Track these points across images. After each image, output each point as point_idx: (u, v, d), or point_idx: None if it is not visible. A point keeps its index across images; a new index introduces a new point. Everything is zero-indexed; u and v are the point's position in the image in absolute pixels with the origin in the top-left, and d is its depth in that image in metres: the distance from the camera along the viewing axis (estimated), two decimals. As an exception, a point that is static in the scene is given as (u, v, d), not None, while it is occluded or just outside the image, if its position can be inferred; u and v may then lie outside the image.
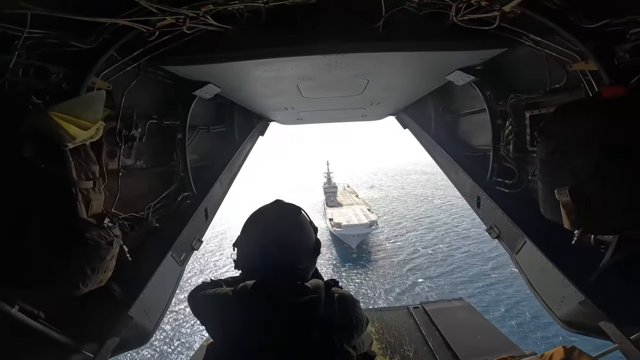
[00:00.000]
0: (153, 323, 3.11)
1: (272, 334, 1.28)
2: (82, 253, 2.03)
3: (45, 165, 1.94)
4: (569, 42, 2.42)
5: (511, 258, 3.64)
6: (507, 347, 4.60)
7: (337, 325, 1.31)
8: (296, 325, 1.30)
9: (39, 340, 2.12)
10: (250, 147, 6.35)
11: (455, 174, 4.88)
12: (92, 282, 2.10)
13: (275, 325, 1.30)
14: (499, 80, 3.70)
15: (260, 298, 1.35)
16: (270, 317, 1.32)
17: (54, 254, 1.92)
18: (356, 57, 3.08)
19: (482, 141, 4.51)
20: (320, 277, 1.58)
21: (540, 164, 2.46)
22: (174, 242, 3.55)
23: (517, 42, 2.79)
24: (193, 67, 3.17)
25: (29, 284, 1.93)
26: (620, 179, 2.04)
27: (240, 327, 1.31)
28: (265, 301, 1.35)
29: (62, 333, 2.23)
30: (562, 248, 2.73)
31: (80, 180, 2.15)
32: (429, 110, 5.83)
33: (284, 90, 4.28)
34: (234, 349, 1.29)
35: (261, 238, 1.49)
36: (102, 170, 2.59)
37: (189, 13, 2.32)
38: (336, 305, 1.34)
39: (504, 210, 3.67)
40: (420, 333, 5.33)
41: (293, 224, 1.55)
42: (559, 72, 2.86)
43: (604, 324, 2.45)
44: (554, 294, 2.97)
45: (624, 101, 2.08)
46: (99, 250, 2.10)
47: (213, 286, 1.54)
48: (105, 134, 2.80)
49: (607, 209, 2.11)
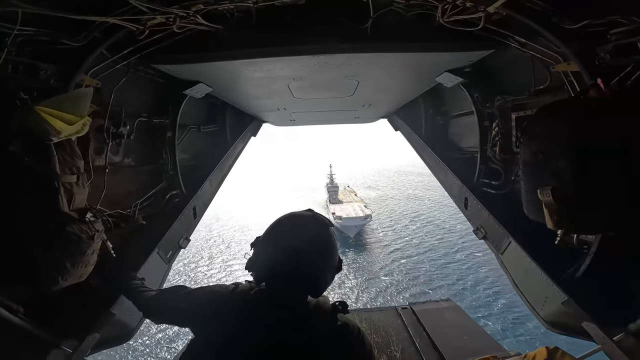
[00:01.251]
0: (136, 320, 3.08)
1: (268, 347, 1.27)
2: (62, 247, 2.00)
3: (29, 158, 1.93)
4: (552, 43, 2.46)
5: (497, 258, 3.67)
6: (493, 348, 4.65)
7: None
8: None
9: (17, 335, 2.09)
10: (242, 148, 6.34)
11: (444, 175, 4.92)
12: (71, 276, 2.07)
13: (273, 338, 1.28)
14: (486, 82, 3.75)
15: (268, 303, 1.34)
16: (272, 327, 1.30)
17: (33, 247, 1.90)
18: (345, 57, 3.10)
19: (470, 143, 4.56)
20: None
21: (523, 164, 2.46)
22: (161, 239, 3.53)
23: (503, 43, 2.83)
24: (183, 66, 3.17)
25: (7, 277, 1.91)
26: (601, 179, 2.04)
27: (238, 327, 1.30)
28: (272, 308, 1.33)
29: (41, 328, 2.19)
30: (545, 248, 2.76)
31: (64, 174, 2.13)
32: (419, 113, 5.88)
33: (276, 90, 4.29)
34: (222, 349, 1.28)
35: (286, 242, 1.43)
36: (87, 166, 2.59)
37: (179, 12, 2.33)
38: (340, 344, 1.33)
39: (490, 211, 3.71)
40: (408, 333, 5.37)
41: (321, 236, 1.48)
42: (543, 74, 2.90)
43: (587, 324, 2.45)
44: (538, 294, 2.99)
45: (604, 101, 2.11)
46: (80, 244, 2.08)
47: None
48: (93, 131, 2.80)
49: (587, 209, 2.11)
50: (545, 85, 2.95)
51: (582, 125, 2.09)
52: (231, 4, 2.41)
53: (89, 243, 2.14)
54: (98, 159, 2.98)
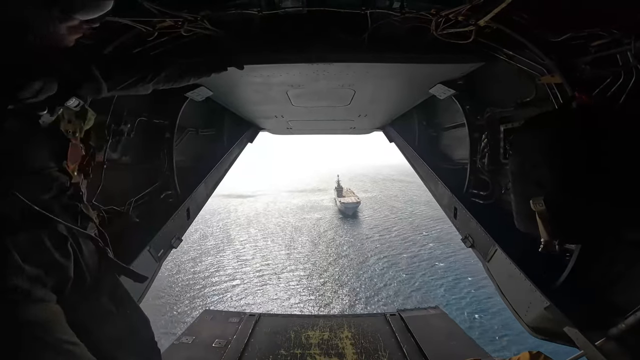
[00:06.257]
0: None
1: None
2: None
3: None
4: (537, 55, 2.58)
5: (484, 266, 3.74)
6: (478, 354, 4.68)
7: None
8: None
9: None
10: (238, 153, 6.42)
11: (434, 186, 5.04)
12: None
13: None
14: (477, 95, 3.89)
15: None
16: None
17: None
18: (342, 66, 3.22)
19: (461, 155, 4.69)
20: None
21: (512, 176, 2.52)
22: (153, 238, 3.55)
23: (492, 56, 2.96)
24: None
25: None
26: (584, 188, 2.10)
27: None
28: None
29: None
30: (530, 256, 2.82)
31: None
32: (413, 125, 6.05)
33: (274, 97, 4.39)
34: None
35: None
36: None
37: (187, 17, 2.45)
38: None
39: (477, 221, 3.79)
40: (395, 339, 5.39)
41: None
42: (530, 86, 3.02)
43: (569, 329, 2.48)
44: (522, 300, 3.05)
45: (586, 112, 2.21)
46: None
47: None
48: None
49: (571, 219, 2.18)
50: (531, 97, 3.07)
51: (566, 135, 2.17)
52: (237, 10, 2.53)
53: None
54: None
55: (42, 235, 1.52)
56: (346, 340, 5.41)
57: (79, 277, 1.65)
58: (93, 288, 1.73)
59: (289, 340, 5.45)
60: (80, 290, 1.66)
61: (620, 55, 2.18)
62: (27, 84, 1.43)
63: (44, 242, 1.52)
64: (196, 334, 5.75)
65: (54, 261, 1.54)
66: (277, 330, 5.76)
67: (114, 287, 1.88)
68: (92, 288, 1.72)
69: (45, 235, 1.53)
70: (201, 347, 5.30)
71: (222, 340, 5.40)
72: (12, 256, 1.37)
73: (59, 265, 1.56)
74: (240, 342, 5.35)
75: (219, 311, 7.72)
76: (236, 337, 5.54)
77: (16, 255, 1.38)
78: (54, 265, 1.54)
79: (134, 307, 1.97)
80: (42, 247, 1.51)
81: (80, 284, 1.66)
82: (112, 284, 1.88)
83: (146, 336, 1.96)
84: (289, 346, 5.29)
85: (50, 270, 1.51)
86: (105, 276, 1.84)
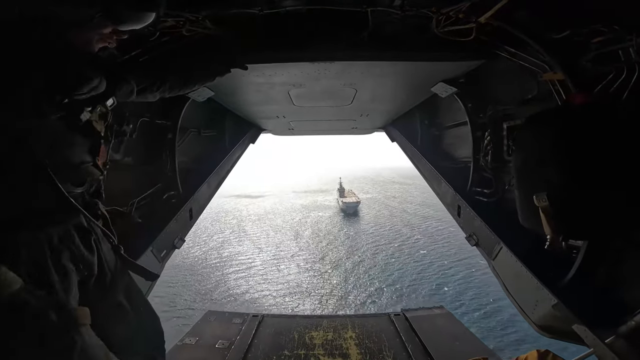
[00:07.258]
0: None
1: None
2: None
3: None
4: (539, 52, 2.56)
5: (489, 265, 3.71)
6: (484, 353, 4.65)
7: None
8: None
9: None
10: (240, 154, 6.42)
11: (438, 185, 5.01)
12: None
13: None
14: (479, 93, 3.86)
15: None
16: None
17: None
18: (343, 65, 3.20)
19: (464, 153, 4.67)
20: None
21: (515, 173, 2.53)
22: (156, 238, 3.55)
23: (494, 54, 2.94)
24: None
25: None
26: (588, 184, 2.10)
27: None
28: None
29: None
30: (535, 253, 2.78)
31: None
32: (415, 124, 6.04)
33: (276, 97, 4.39)
34: None
35: None
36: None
37: (189, 16, 2.45)
38: None
39: (482, 218, 3.77)
40: (400, 339, 5.37)
41: None
42: (531, 83, 3.00)
43: (577, 327, 2.44)
44: (528, 298, 3.02)
45: (588, 108, 2.21)
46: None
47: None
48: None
49: (575, 214, 2.18)
50: (533, 94, 3.05)
51: (568, 132, 2.17)
52: (239, 9, 2.53)
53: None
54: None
55: (72, 230, 1.57)
56: (350, 341, 5.40)
57: (101, 273, 1.70)
58: (112, 285, 1.77)
59: (292, 341, 5.44)
60: (101, 287, 1.70)
61: (622, 51, 2.17)
62: (87, 80, 1.51)
63: (74, 237, 1.56)
64: (199, 334, 5.75)
65: (82, 257, 1.58)
66: (280, 330, 5.76)
67: (128, 284, 1.93)
68: (111, 284, 1.76)
69: (74, 230, 1.57)
70: (205, 348, 5.30)
71: (226, 341, 5.40)
72: (47, 251, 1.41)
73: (86, 261, 1.60)
74: (243, 342, 5.35)
75: (222, 312, 7.73)
76: (239, 337, 5.53)
77: (49, 251, 1.42)
78: (83, 261, 1.58)
79: (145, 303, 2.00)
80: (73, 242, 1.55)
81: (101, 280, 1.70)
82: (127, 281, 1.92)
83: (155, 332, 2.00)
84: (293, 347, 5.28)
85: (79, 266, 1.55)
86: (122, 273, 1.87)
